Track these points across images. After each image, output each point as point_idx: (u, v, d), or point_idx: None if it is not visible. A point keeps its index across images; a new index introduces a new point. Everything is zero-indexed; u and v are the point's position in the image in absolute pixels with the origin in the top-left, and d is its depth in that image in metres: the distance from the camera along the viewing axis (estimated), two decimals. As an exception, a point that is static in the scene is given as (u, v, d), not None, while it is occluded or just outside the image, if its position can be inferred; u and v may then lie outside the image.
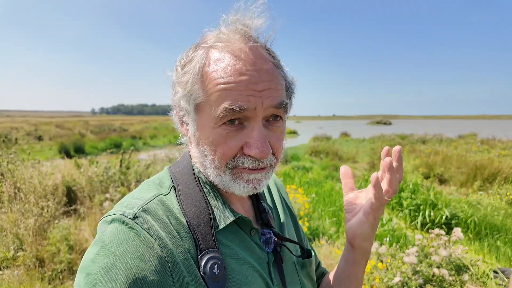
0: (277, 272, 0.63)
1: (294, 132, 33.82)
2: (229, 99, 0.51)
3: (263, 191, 0.72)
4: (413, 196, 5.74)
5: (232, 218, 0.58)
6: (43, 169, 5.29)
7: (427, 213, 5.00)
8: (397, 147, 0.63)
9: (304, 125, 65.77)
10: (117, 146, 16.95)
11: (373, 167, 10.56)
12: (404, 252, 2.40)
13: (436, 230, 2.49)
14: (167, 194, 0.58)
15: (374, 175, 0.58)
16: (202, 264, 0.51)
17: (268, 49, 0.56)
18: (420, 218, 4.95)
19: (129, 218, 0.51)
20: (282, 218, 0.74)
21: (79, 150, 15.12)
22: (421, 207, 5.22)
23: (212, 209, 0.58)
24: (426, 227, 4.81)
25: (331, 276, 0.79)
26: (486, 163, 7.56)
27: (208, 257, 0.52)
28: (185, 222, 0.54)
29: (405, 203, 5.47)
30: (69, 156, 11.66)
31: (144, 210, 0.52)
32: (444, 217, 4.84)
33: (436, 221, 4.87)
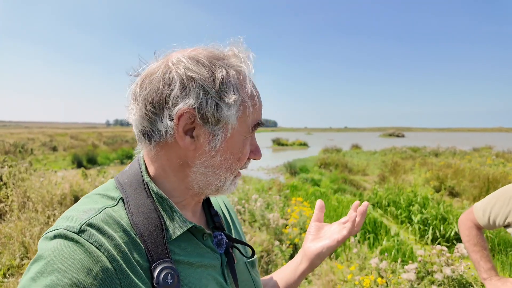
0: (230, 272, 0.65)
1: (304, 144, 33.56)
2: (260, 116, 0.64)
3: (209, 198, 0.75)
4: (422, 210, 5.60)
5: (185, 228, 0.59)
6: (53, 178, 5.41)
7: (436, 228, 4.85)
8: (365, 203, 0.80)
9: (315, 137, 65.37)
10: (129, 157, 17.18)
11: (383, 180, 10.36)
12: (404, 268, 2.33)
13: (438, 246, 2.41)
14: (115, 206, 0.56)
15: (353, 216, 0.78)
16: (155, 275, 0.52)
17: None
18: (430, 233, 4.81)
19: (74, 232, 0.48)
20: (230, 222, 0.79)
21: (92, 161, 15.41)
22: (431, 221, 5.08)
23: (164, 220, 0.57)
24: (437, 242, 4.66)
25: (273, 277, 0.88)
26: (499, 176, 7.35)
27: (161, 267, 0.52)
28: (134, 235, 0.54)
29: (414, 218, 5.33)
30: (81, 166, 11.90)
31: (89, 224, 0.50)
32: (454, 232, 4.69)
33: (447, 235, 4.73)
